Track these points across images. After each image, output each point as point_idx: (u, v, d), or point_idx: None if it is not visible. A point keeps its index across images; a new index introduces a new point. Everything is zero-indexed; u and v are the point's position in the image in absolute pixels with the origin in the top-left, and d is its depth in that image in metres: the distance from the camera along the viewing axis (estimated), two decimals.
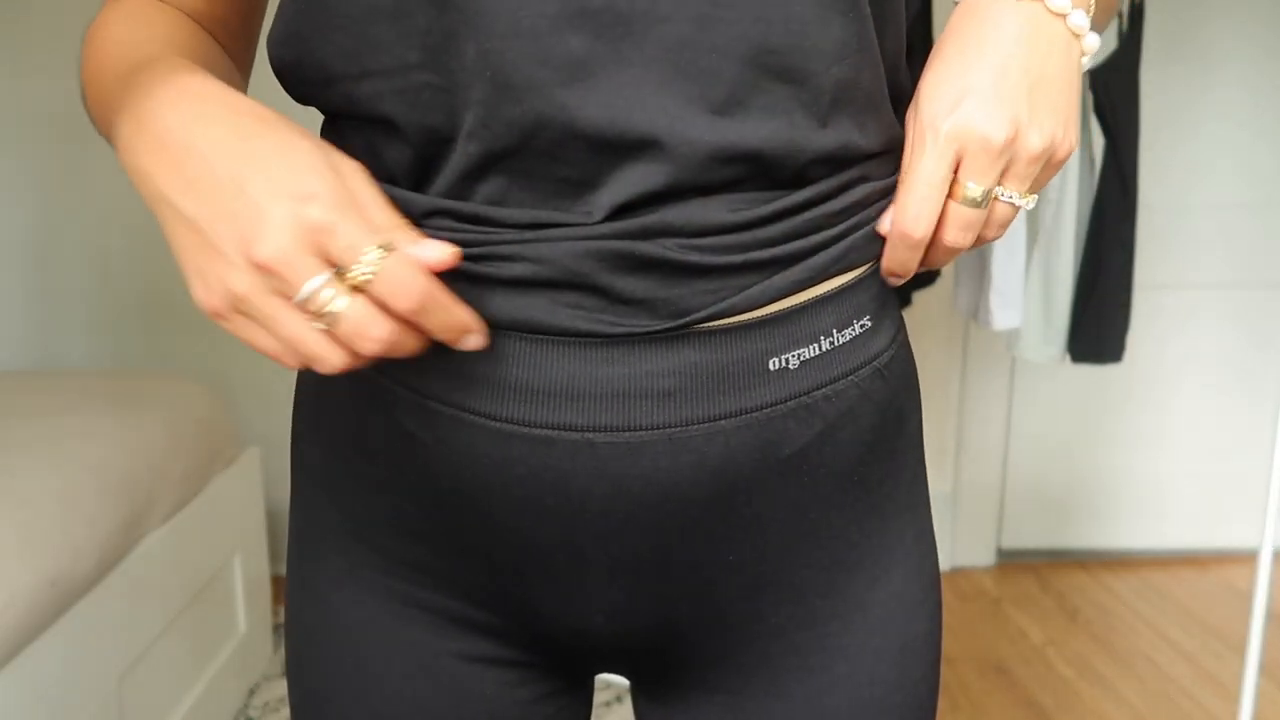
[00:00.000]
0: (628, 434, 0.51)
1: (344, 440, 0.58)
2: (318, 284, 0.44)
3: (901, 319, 0.60)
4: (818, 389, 0.53)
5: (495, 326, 0.51)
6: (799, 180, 0.51)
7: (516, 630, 0.59)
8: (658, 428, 0.51)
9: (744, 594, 0.56)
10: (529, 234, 0.49)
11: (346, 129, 0.54)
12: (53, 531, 1.45)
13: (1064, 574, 2.74)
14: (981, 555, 2.79)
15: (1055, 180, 1.59)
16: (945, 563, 2.78)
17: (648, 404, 0.51)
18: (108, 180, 2.50)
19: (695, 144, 0.47)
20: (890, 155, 0.55)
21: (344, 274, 0.44)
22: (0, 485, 1.48)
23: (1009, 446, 2.76)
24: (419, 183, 0.52)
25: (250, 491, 2.13)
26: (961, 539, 2.77)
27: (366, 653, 0.59)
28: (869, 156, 0.53)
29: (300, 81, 0.54)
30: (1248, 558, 2.80)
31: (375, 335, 0.45)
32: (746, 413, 0.52)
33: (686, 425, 0.51)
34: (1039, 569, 2.77)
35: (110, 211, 2.52)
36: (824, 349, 0.53)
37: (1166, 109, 2.57)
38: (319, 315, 0.44)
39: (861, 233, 0.54)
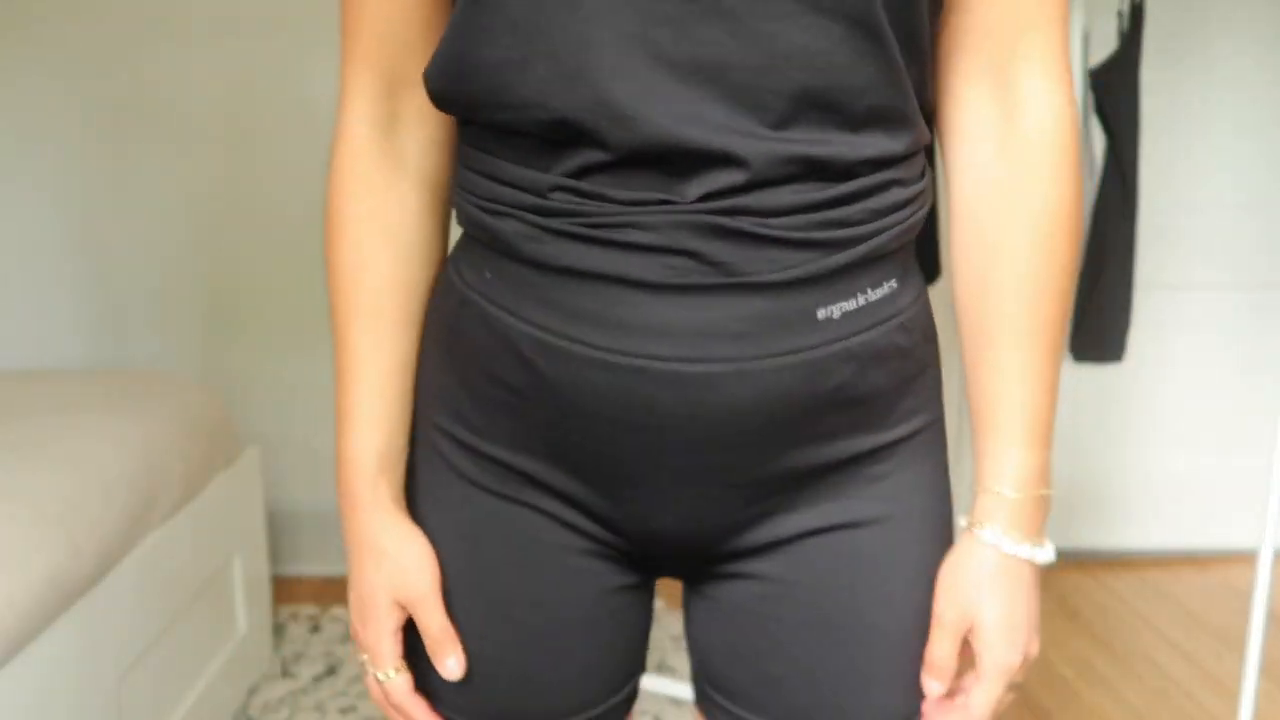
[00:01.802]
0: (705, 365, 0.64)
1: (471, 367, 0.70)
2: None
3: (923, 285, 0.73)
4: (854, 335, 0.66)
5: (606, 279, 0.64)
6: (847, 176, 0.64)
7: (604, 530, 0.72)
8: (730, 360, 0.64)
9: (790, 499, 0.70)
10: (635, 209, 0.63)
11: (486, 133, 0.68)
12: (53, 531, 1.45)
13: (1064, 574, 2.74)
14: None
15: None
16: None
17: (723, 342, 0.64)
18: (108, 181, 2.50)
19: (760, 155, 0.61)
20: (917, 156, 0.68)
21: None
22: (0, 485, 1.48)
23: None
24: (545, 166, 0.65)
25: (250, 491, 2.13)
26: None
27: (483, 543, 0.73)
28: (901, 158, 0.66)
29: (449, 105, 0.69)
30: (1248, 558, 2.80)
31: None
32: (799, 351, 0.65)
33: (753, 359, 0.64)
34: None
35: (110, 212, 2.52)
36: (860, 304, 0.66)
37: (1167, 109, 2.57)
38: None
39: (892, 232, 0.66)
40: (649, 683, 2.01)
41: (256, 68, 2.45)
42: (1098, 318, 1.63)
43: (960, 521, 0.73)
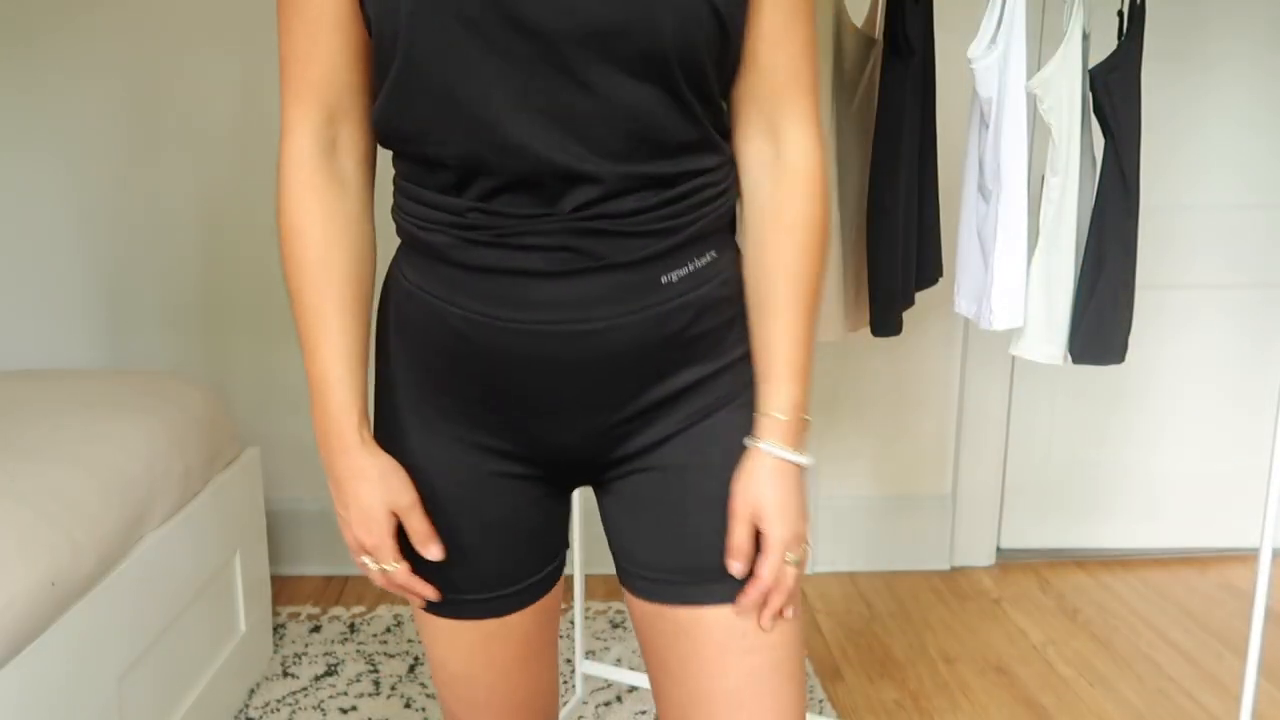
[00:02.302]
0: (587, 323, 0.90)
1: (419, 341, 0.96)
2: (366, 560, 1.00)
3: (736, 253, 0.99)
4: (690, 291, 0.93)
5: (511, 272, 0.89)
6: (674, 184, 0.90)
7: (526, 453, 0.98)
8: (604, 318, 0.90)
9: (657, 408, 0.96)
10: (528, 221, 0.88)
11: (415, 164, 0.92)
12: (53, 531, 1.45)
13: (1064, 574, 2.74)
14: (981, 555, 2.79)
15: (1056, 181, 1.59)
16: (945, 562, 2.77)
17: (597, 306, 0.90)
18: (108, 182, 2.50)
19: (610, 174, 0.87)
20: (721, 167, 0.95)
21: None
22: (0, 485, 1.48)
23: (1009, 446, 2.76)
24: (459, 193, 0.90)
25: (250, 491, 2.13)
26: (961, 539, 2.77)
27: (436, 470, 0.98)
28: (707, 170, 0.93)
29: (390, 138, 0.92)
30: (1248, 558, 2.80)
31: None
32: (651, 307, 0.92)
33: (620, 316, 0.91)
34: (1039, 569, 2.77)
35: (109, 212, 2.52)
36: (691, 269, 0.93)
37: (1167, 109, 2.57)
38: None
39: (709, 218, 0.94)
40: (648, 682, 2.01)
41: (264, 74, 2.45)
42: (1098, 319, 1.62)
43: (746, 442, 0.97)
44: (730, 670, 0.97)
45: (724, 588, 0.97)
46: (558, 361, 0.92)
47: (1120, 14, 1.63)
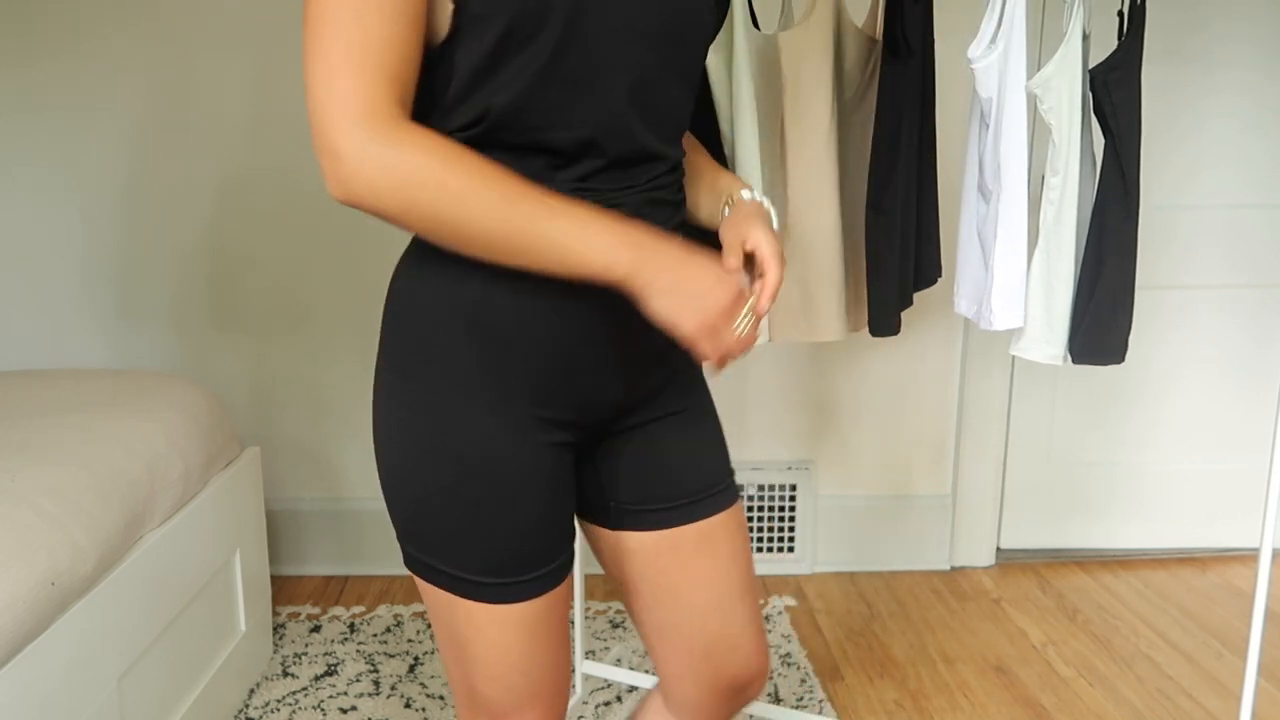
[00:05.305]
0: None
1: (502, 319, 1.02)
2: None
3: None
4: None
5: None
6: (678, 164, 1.12)
7: (567, 420, 1.08)
8: None
9: (667, 375, 1.16)
10: (616, 194, 1.05)
11: (523, 150, 1.00)
12: (53, 531, 1.45)
13: (1064, 574, 2.74)
14: (981, 555, 2.79)
15: (1056, 181, 1.59)
16: (945, 562, 2.77)
17: None
18: (106, 181, 2.50)
19: (670, 152, 1.09)
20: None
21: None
22: (0, 485, 1.48)
23: (1009, 446, 2.76)
24: (559, 171, 1.02)
25: (250, 491, 2.13)
26: (961, 539, 2.77)
27: (500, 457, 1.05)
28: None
29: (505, 128, 0.99)
30: (1248, 558, 2.80)
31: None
32: None
33: None
34: (1039, 569, 2.77)
35: (109, 212, 2.52)
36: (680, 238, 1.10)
37: (1167, 109, 2.57)
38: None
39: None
40: (649, 682, 2.01)
41: (268, 78, 2.45)
42: (1098, 319, 1.62)
43: (725, 211, 1.18)
44: (739, 559, 1.17)
45: (731, 491, 1.18)
46: (617, 311, 1.03)
47: (1120, 14, 1.63)
